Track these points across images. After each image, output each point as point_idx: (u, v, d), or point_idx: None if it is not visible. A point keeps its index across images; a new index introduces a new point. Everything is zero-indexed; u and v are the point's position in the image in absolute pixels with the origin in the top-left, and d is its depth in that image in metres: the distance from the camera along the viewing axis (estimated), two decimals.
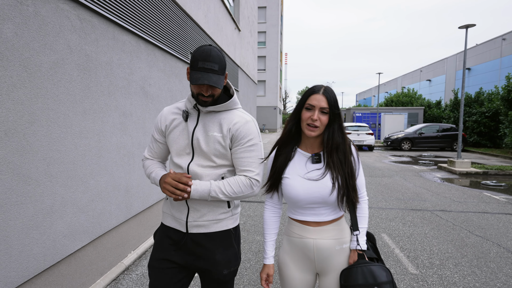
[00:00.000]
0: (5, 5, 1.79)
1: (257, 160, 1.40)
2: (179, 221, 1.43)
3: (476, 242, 3.86)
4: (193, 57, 1.30)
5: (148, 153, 1.54)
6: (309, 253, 1.40)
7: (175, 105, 1.49)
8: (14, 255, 1.87)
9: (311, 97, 1.34)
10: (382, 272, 1.29)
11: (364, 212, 1.43)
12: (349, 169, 1.36)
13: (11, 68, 1.83)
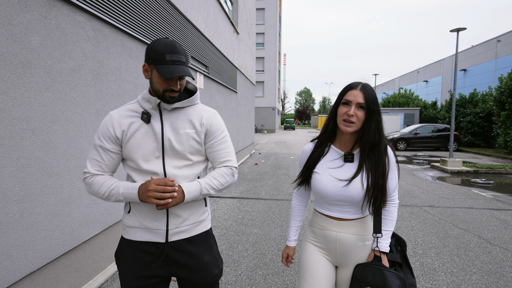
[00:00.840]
0: (33, 20, 2.05)
1: (231, 150, 1.43)
2: (156, 232, 1.31)
3: (459, 234, 4.13)
4: (156, 51, 1.22)
5: (95, 168, 1.30)
6: (331, 245, 1.41)
7: (125, 108, 1.34)
8: (39, 238, 2.13)
9: (348, 92, 1.33)
10: (395, 281, 1.26)
11: (391, 216, 1.41)
12: (381, 170, 1.32)
13: (37, 75, 2.09)
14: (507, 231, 4.27)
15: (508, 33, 21.65)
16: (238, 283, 2.85)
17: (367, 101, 1.30)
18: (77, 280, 2.55)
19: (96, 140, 1.31)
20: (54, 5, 2.24)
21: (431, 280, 2.94)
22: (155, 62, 1.22)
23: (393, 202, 1.41)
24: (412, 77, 37.10)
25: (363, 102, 1.30)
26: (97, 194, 1.29)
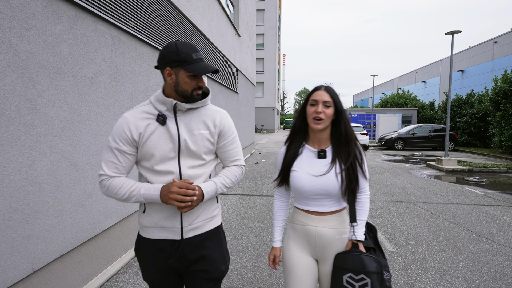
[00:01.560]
0: (63, 30, 2.30)
1: (240, 148, 1.51)
2: (171, 230, 1.36)
3: (449, 227, 4.39)
4: (181, 53, 1.26)
5: (112, 170, 1.31)
6: (310, 239, 1.49)
7: (139, 110, 1.36)
8: (67, 225, 2.38)
9: (314, 93, 1.46)
10: (372, 263, 1.37)
11: (364, 206, 1.50)
12: (353, 161, 1.44)
13: (66, 79, 2.35)
14: (494, 225, 4.53)
15: (505, 34, 21.95)
16: (244, 269, 3.10)
17: (333, 98, 1.44)
18: (98, 265, 2.79)
19: (112, 143, 1.31)
20: (80, 16, 2.49)
21: (421, 267, 3.20)
22: (183, 63, 1.26)
23: (364, 193, 1.51)
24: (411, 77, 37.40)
25: (329, 100, 1.42)
26: (116, 195, 1.30)
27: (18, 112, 1.92)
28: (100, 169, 1.32)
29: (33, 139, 2.05)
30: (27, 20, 1.98)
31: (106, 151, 1.33)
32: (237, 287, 2.78)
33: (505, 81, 13.03)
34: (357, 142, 1.50)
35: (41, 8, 2.09)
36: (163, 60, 1.30)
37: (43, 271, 2.17)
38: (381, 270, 1.37)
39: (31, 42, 2.01)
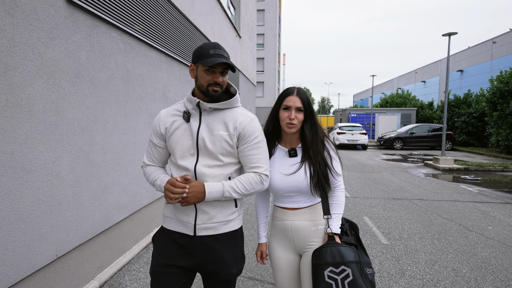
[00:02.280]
0: (81, 38, 2.51)
1: (264, 156, 1.44)
2: (186, 225, 1.40)
3: (442, 223, 4.61)
4: (201, 49, 1.35)
5: (148, 159, 1.51)
6: (288, 233, 1.56)
7: (172, 107, 1.48)
8: (85, 217, 2.60)
9: (287, 98, 1.52)
10: (350, 253, 1.41)
11: (338, 200, 1.56)
12: (321, 159, 1.51)
13: (84, 83, 2.56)
14: (485, 220, 4.74)
15: (504, 34, 22.13)
16: (247, 260, 3.31)
17: (304, 104, 1.51)
18: (111, 255, 3.01)
19: (150, 135, 1.51)
20: (96, 25, 2.70)
21: (412, 258, 3.41)
22: (200, 58, 1.33)
23: (339, 188, 1.58)
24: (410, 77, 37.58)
25: (301, 106, 1.50)
26: (148, 181, 1.50)
27: (44, 113, 2.14)
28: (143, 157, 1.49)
29: (57, 138, 2.26)
30: (52, 30, 2.20)
31: (148, 142, 1.53)
32: (241, 275, 2.99)
33: (500, 81, 13.23)
34: (326, 140, 1.57)
35: (64, 19, 2.31)
36: (192, 59, 1.41)
37: (65, 258, 2.38)
38: (359, 259, 1.40)
39: (55, 50, 2.23)
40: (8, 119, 1.86)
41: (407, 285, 2.84)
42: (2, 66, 1.81)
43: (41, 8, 2.09)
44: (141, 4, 3.47)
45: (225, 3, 8.39)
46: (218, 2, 7.24)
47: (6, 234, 1.86)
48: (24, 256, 1.99)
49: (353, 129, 16.34)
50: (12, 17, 1.87)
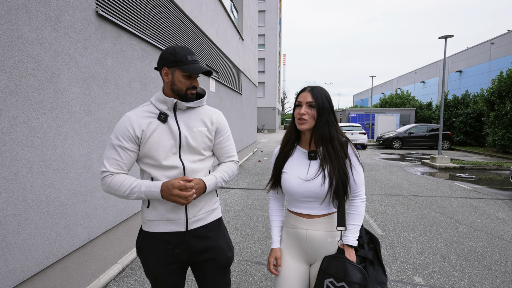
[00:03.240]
0: (108, 47, 2.82)
1: (234, 146, 1.62)
2: (176, 222, 1.42)
3: (434, 216, 4.92)
4: (178, 54, 1.37)
5: (114, 167, 1.37)
6: (302, 243, 1.47)
7: (141, 109, 1.44)
8: (111, 206, 2.91)
9: (299, 95, 1.48)
10: (356, 273, 1.31)
11: (357, 210, 1.44)
12: (340, 164, 1.40)
13: (110, 87, 2.87)
14: (475, 214, 5.05)
15: (502, 35, 22.42)
16: (253, 248, 3.63)
17: (316, 99, 1.42)
18: (131, 242, 3.32)
19: (114, 140, 1.38)
20: (120, 34, 3.01)
21: (405, 246, 3.72)
22: (179, 64, 1.36)
23: (359, 197, 1.45)
24: (410, 77, 37.87)
25: (312, 101, 1.42)
26: (117, 192, 1.35)
27: (79, 114, 2.45)
28: (102, 166, 1.38)
29: (89, 136, 2.57)
30: (86, 41, 2.51)
31: (108, 149, 1.39)
32: (248, 260, 3.30)
33: (500, 81, 13.52)
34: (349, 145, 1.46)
35: (94, 31, 2.62)
36: (162, 61, 1.41)
37: (95, 242, 2.69)
38: (365, 282, 1.31)
39: (88, 58, 2.54)
40: (53, 119, 2.17)
41: (399, 269, 3.15)
42: (48, 74, 2.12)
43: (77, 22, 2.40)
44: (156, 13, 3.78)
45: (228, 7, 8.70)
46: (223, 7, 7.56)
47: (51, 218, 2.17)
48: (64, 237, 2.30)
49: (352, 129, 16.64)
50: (56, 32, 2.18)
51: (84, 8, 2.47)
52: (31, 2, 1.97)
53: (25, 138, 1.94)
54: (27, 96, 1.95)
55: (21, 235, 1.93)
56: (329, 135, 1.43)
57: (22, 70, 1.91)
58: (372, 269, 1.41)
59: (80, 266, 2.50)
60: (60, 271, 2.29)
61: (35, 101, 2.01)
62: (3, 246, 1.81)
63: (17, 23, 1.87)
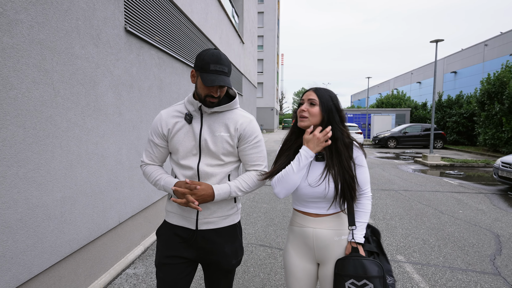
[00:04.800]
0: (133, 58, 3.28)
1: (263, 154, 1.53)
2: (188, 219, 1.48)
3: (421, 208, 5.40)
4: (203, 60, 1.37)
5: (148, 158, 1.54)
6: (308, 241, 1.47)
7: (173, 108, 1.51)
8: (135, 195, 3.36)
9: (303, 94, 1.49)
10: (374, 267, 1.34)
11: (364, 208, 1.46)
12: (346, 165, 1.40)
13: (135, 92, 3.32)
14: (459, 206, 5.54)
15: (495, 37, 22.99)
16: (257, 233, 4.09)
17: (319, 97, 1.42)
18: (150, 228, 3.78)
19: (149, 135, 1.54)
20: (142, 46, 3.47)
21: (391, 232, 4.19)
22: (201, 70, 1.37)
23: (365, 195, 1.47)
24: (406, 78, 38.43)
25: (314, 98, 1.42)
26: (148, 180, 1.56)
27: (113, 116, 2.90)
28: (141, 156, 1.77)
29: (119, 134, 3.03)
30: (117, 53, 2.96)
31: (147, 142, 1.60)
32: (254, 243, 3.77)
33: (488, 83, 14.06)
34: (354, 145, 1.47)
35: (123, 44, 3.07)
36: (195, 62, 1.44)
37: (123, 224, 3.15)
38: (383, 274, 1.35)
39: (119, 68, 2.99)
40: (95, 120, 2.63)
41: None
42: (92, 83, 2.58)
43: (112, 38, 2.86)
44: (170, 24, 4.24)
45: (230, 13, 9.15)
46: (225, 14, 8.02)
47: (93, 201, 2.62)
48: (102, 218, 2.76)
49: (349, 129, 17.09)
50: (97, 47, 2.64)
51: (116, 26, 2.93)
52: (81, 25, 2.43)
53: (76, 136, 2.40)
54: (77, 101, 2.40)
55: (73, 214, 2.38)
56: (332, 136, 1.42)
57: (75, 80, 2.37)
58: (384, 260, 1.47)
59: (113, 244, 2.96)
60: (99, 247, 2.75)
61: (83, 105, 2.47)
62: (62, 222, 2.26)
63: (71, 43, 2.33)
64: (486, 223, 4.60)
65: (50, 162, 2.14)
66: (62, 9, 2.22)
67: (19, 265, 1.91)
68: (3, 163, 1.78)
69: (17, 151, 1.87)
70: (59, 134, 2.21)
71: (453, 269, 3.17)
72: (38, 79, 2.02)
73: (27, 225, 1.95)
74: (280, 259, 3.35)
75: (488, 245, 3.79)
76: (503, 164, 6.85)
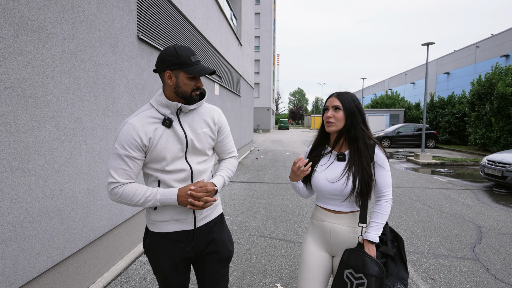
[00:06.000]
0: (144, 63, 3.55)
1: (233, 141, 1.63)
2: (185, 221, 1.46)
3: (410, 203, 5.74)
4: (181, 56, 1.33)
5: (123, 177, 1.35)
6: (326, 234, 1.58)
7: (143, 115, 1.40)
8: None
9: (327, 101, 1.58)
10: (374, 267, 1.40)
11: (383, 210, 1.53)
12: (365, 165, 1.48)
13: (146, 94, 3.60)
14: (446, 201, 5.89)
15: (486, 39, 23.55)
16: (257, 226, 4.39)
17: (343, 103, 1.52)
18: None
19: (120, 150, 1.33)
20: (152, 52, 3.75)
21: None
22: (183, 66, 1.33)
23: (385, 197, 1.53)
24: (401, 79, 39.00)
25: (338, 104, 1.52)
26: (130, 201, 1.35)
27: (128, 116, 3.18)
28: (109, 176, 1.34)
29: None
30: (131, 60, 3.24)
31: (114, 158, 1.35)
32: (255, 234, 4.07)
33: (479, 84, 14.51)
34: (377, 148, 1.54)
35: (136, 51, 3.35)
36: (163, 64, 1.35)
37: (135, 217, 3.43)
38: (382, 276, 1.39)
39: (132, 73, 3.27)
40: (113, 120, 2.91)
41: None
42: (110, 87, 2.86)
43: (127, 46, 3.14)
44: (175, 30, 4.52)
45: (229, 16, 9.44)
46: (225, 18, 8.31)
47: None
48: (119, 210, 3.04)
49: None
50: (115, 55, 2.92)
51: (130, 34, 3.21)
52: (102, 35, 2.71)
53: (98, 134, 2.67)
54: (99, 103, 2.68)
55: (96, 205, 2.66)
56: (354, 136, 1.52)
57: (97, 85, 2.65)
58: (393, 265, 1.50)
59: (128, 234, 3.24)
60: (116, 236, 3.02)
61: (103, 107, 2.74)
62: (87, 211, 2.54)
63: (95, 51, 2.60)
64: (470, 216, 4.95)
65: (78, 158, 2.41)
66: (87, 22, 2.50)
67: (54, 247, 2.18)
68: (43, 158, 2.06)
69: (53, 148, 2.15)
70: (85, 133, 2.49)
71: (437, 255, 3.50)
72: (69, 85, 2.29)
73: (60, 213, 2.23)
74: (280, 248, 3.65)
75: (470, 235, 4.13)
76: (488, 162, 7.23)
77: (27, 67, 1.92)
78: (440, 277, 3.02)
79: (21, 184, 1.90)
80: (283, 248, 3.64)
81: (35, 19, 1.98)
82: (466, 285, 2.87)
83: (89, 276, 2.60)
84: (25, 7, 1.90)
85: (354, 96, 1.57)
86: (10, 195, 1.83)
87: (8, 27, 1.79)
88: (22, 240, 1.92)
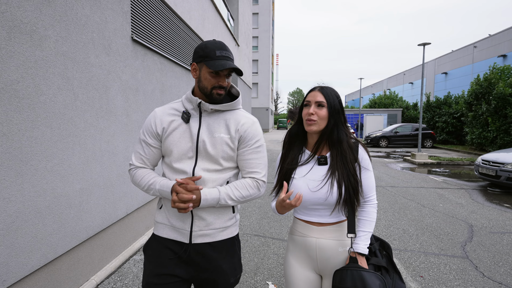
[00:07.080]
0: (139, 64, 3.59)
1: (263, 162, 1.39)
2: (180, 232, 1.33)
3: (404, 202, 5.79)
4: (207, 48, 1.27)
5: (138, 161, 1.38)
6: (311, 252, 1.39)
7: (169, 106, 1.39)
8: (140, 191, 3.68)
9: (308, 94, 1.38)
10: (375, 281, 1.22)
11: (368, 216, 1.37)
12: (349, 171, 1.32)
13: (140, 95, 3.64)
14: (439, 200, 5.95)
15: (483, 39, 23.64)
16: (252, 225, 4.44)
17: (327, 98, 1.34)
18: (151, 221, 4.09)
19: (141, 135, 1.38)
20: (146, 53, 3.79)
21: (375, 224, 4.56)
22: (206, 59, 1.26)
23: (370, 202, 1.38)
24: (399, 79, 39.09)
25: (322, 100, 1.33)
26: (138, 186, 1.36)
27: (121, 117, 3.22)
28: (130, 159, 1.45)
29: (127, 133, 3.35)
30: (125, 60, 3.28)
31: (137, 142, 1.41)
32: (249, 233, 4.11)
33: (477, 84, 14.57)
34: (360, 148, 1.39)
35: (130, 52, 3.39)
36: (193, 56, 1.34)
37: (129, 216, 3.47)
38: None
39: (126, 74, 3.31)
40: (106, 120, 2.95)
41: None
42: (104, 88, 2.90)
43: (120, 47, 3.18)
44: (170, 31, 4.56)
45: (225, 17, 9.48)
46: (221, 19, 8.35)
47: (105, 194, 2.94)
48: (112, 209, 3.08)
49: None
50: (108, 56, 2.96)
51: (124, 36, 3.25)
52: (95, 37, 2.75)
53: (91, 135, 2.71)
54: (92, 104, 2.72)
55: (89, 204, 2.70)
56: (337, 138, 1.36)
57: (90, 86, 2.69)
58: (388, 277, 1.32)
59: (122, 233, 3.28)
60: (110, 235, 3.06)
61: (97, 108, 2.78)
62: (80, 210, 2.58)
63: (88, 53, 2.65)
64: (463, 215, 5.00)
65: (71, 158, 2.45)
66: (80, 24, 2.54)
67: (47, 245, 2.22)
68: (35, 158, 2.10)
69: (45, 148, 2.19)
70: (78, 133, 2.53)
71: (427, 253, 3.55)
72: (62, 86, 2.33)
73: (53, 212, 2.27)
74: (273, 246, 3.70)
75: (461, 233, 4.18)
76: (483, 162, 7.29)
77: (20, 69, 1.96)
78: (430, 275, 3.07)
79: (14, 183, 1.94)
80: (276, 247, 3.68)
81: (28, 22, 2.02)
82: (454, 283, 2.92)
83: (82, 274, 2.65)
84: (18, 10, 1.94)
85: (337, 92, 1.41)
86: (3, 194, 1.87)
87: (1, 30, 1.83)
88: (15, 238, 1.95)
